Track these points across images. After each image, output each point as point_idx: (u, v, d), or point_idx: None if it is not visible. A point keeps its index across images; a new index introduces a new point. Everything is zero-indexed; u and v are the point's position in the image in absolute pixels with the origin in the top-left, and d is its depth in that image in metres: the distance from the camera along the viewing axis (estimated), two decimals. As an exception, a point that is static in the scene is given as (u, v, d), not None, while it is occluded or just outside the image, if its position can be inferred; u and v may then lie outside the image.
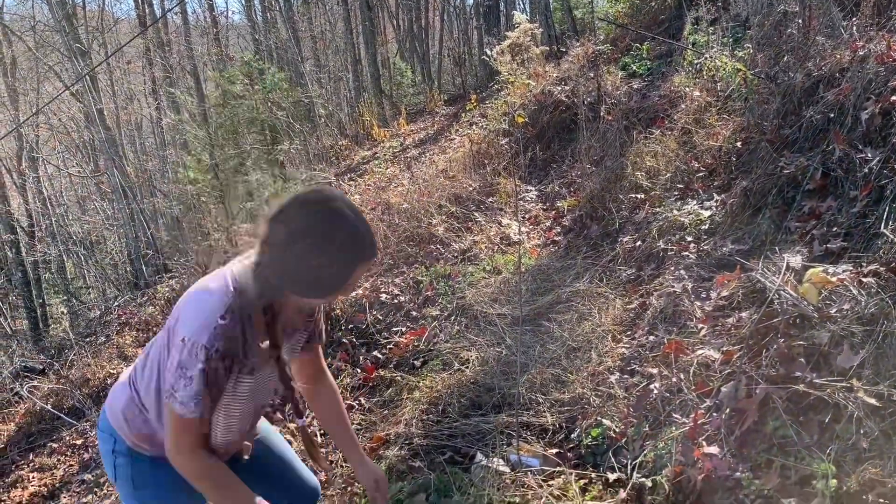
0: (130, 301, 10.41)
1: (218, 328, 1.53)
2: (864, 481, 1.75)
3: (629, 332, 3.46)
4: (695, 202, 4.11)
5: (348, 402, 3.77)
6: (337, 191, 1.65)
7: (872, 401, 1.89)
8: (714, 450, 2.17)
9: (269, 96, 11.65)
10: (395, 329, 4.39)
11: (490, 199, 5.89)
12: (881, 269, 2.24)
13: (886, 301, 2.04)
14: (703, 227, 3.84)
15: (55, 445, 5.65)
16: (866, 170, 2.95)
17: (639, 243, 4.15)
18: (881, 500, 1.71)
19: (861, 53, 3.48)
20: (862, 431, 1.89)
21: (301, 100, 11.90)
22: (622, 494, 2.43)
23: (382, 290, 4.78)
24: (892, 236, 2.45)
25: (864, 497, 1.74)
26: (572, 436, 2.94)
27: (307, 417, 2.02)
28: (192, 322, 1.56)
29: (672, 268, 3.63)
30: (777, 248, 3.01)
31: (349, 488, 2.86)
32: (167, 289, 9.29)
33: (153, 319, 8.04)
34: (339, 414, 2.10)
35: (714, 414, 2.32)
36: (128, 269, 14.88)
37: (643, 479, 2.41)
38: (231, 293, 1.57)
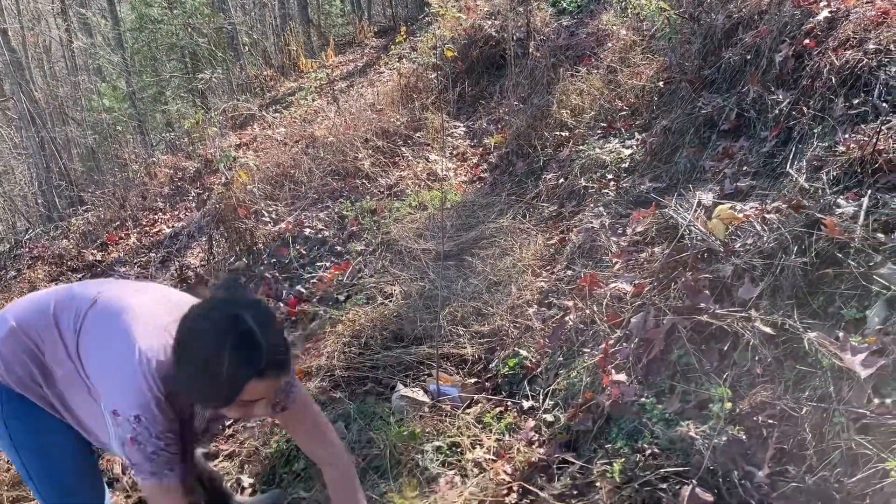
0: (43, 234, 9.96)
1: (149, 400, 1.54)
2: (755, 403, 1.87)
3: (548, 267, 3.53)
4: (617, 141, 4.18)
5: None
6: (253, 299, 1.58)
7: (768, 329, 2.00)
8: (622, 377, 2.27)
9: (190, 21, 11.09)
10: (318, 264, 4.36)
11: (418, 135, 5.83)
12: (783, 205, 2.34)
13: (785, 236, 2.14)
14: (624, 165, 3.92)
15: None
16: (777, 111, 3.05)
17: (562, 181, 4.21)
18: (770, 421, 1.83)
19: (779, -4, 3.55)
20: (757, 358, 2.00)
21: (223, 26, 11.38)
22: (530, 423, 2.52)
23: (306, 224, 4.71)
24: (796, 175, 2.56)
25: (755, 418, 1.85)
26: (490, 366, 3.02)
27: None
28: (123, 393, 1.56)
29: (592, 205, 3.70)
30: (691, 186, 3.11)
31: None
32: (82, 221, 8.90)
33: (67, 253, 7.72)
34: (343, 494, 1.89)
35: (624, 344, 2.41)
36: (39, 200, 14.16)
37: (545, 416, 2.51)
38: (146, 371, 1.56)
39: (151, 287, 1.94)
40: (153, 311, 1.72)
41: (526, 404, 2.68)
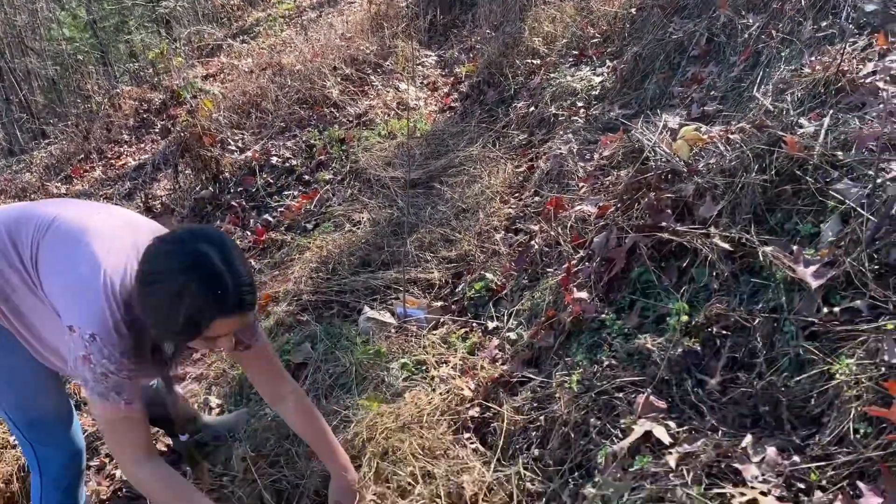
0: (5, 168, 9.71)
1: (108, 322, 1.52)
2: (710, 315, 1.91)
3: (517, 194, 3.54)
4: (588, 68, 4.14)
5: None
6: (219, 235, 1.54)
7: (726, 245, 2.03)
8: (584, 295, 2.30)
9: (152, -55, 10.62)
10: (286, 192, 4.32)
11: (387, 63, 5.72)
12: (748, 126, 2.35)
13: (747, 154, 2.16)
14: (594, 92, 3.89)
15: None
16: (747, 35, 3.03)
17: (532, 109, 4.17)
18: (724, 332, 1.87)
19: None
20: (714, 274, 2.04)
21: (188, -49, 10.92)
22: (494, 342, 2.56)
23: (273, 153, 4.64)
24: (762, 99, 2.56)
25: (709, 330, 1.90)
26: (457, 290, 3.04)
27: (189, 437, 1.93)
28: (81, 311, 1.54)
29: (561, 132, 3.69)
30: (659, 111, 3.10)
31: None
32: (45, 154, 8.67)
33: (30, 186, 7.55)
34: (305, 421, 1.96)
35: (586, 263, 2.44)
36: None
37: (509, 334, 2.55)
38: (109, 293, 1.54)
39: (113, 208, 1.91)
40: (115, 232, 1.69)
41: (491, 325, 2.71)
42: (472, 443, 2.20)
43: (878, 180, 1.82)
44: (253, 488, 2.21)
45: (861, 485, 1.37)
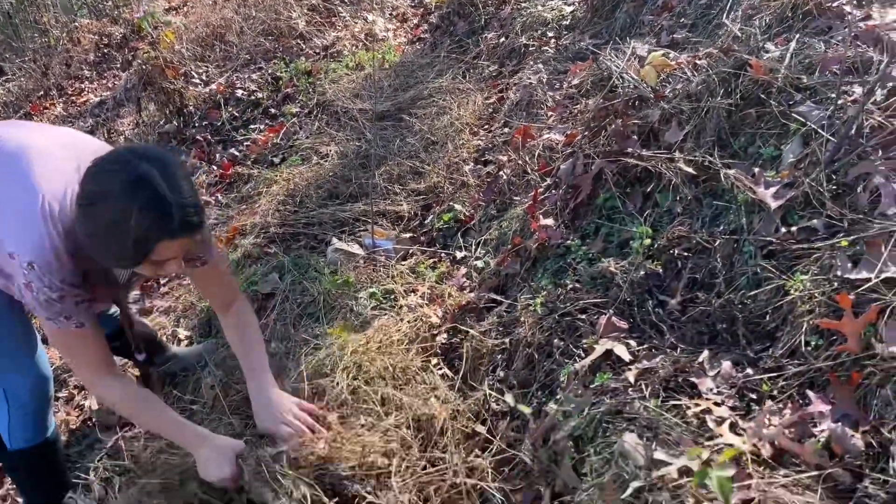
0: (-39, 106, 9.38)
1: (46, 250, 1.48)
2: (672, 238, 1.93)
3: (486, 126, 3.51)
4: (559, -3, 4.06)
5: (204, 198, 3.67)
6: (163, 154, 1.47)
7: (690, 170, 2.04)
8: (550, 221, 2.31)
9: None
10: (252, 126, 4.24)
11: (355, -6, 5.56)
12: (715, 51, 2.33)
13: (713, 78, 2.15)
14: (565, 22, 3.83)
15: None
16: (718, -40, 2.98)
17: (502, 39, 4.10)
18: (685, 253, 1.90)
19: None
20: (678, 198, 2.06)
21: None
22: (462, 270, 2.58)
23: (238, 85, 4.53)
24: (730, 25, 2.53)
25: (671, 252, 1.92)
26: (426, 222, 3.04)
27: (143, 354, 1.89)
28: (19, 238, 1.49)
29: (531, 63, 3.64)
30: (629, 40, 3.07)
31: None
32: (3, 91, 8.38)
33: (-12, 124, 7.32)
34: (240, 340, 1.94)
35: (553, 191, 2.45)
36: (-46, 71, 13.21)
37: (477, 262, 2.56)
38: (48, 219, 1.49)
39: (58, 129, 1.85)
40: (58, 153, 1.63)
41: (459, 255, 2.73)
42: (439, 369, 2.24)
43: (840, 102, 1.83)
44: (222, 416, 2.23)
45: (810, 393, 1.42)
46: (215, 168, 3.92)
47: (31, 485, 2.07)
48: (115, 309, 2.35)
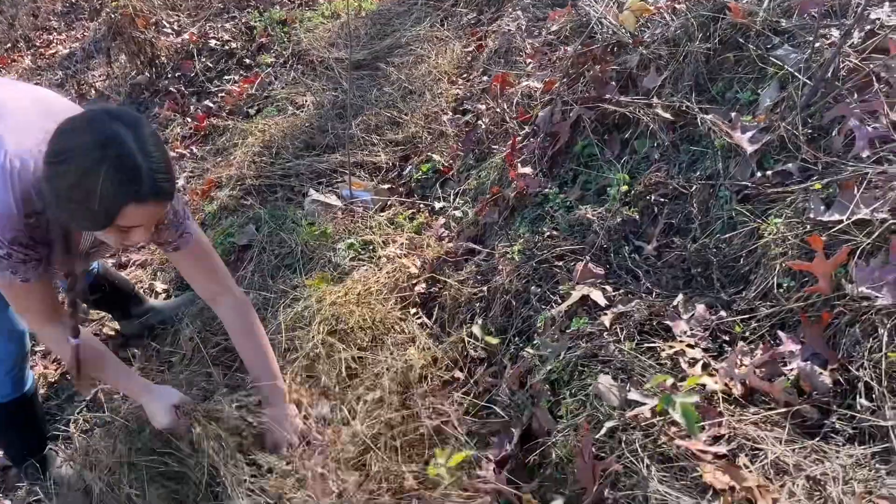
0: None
1: (3, 206, 1.43)
2: (649, 184, 1.93)
3: (465, 75, 3.46)
4: (538, -58, 3.97)
5: (178, 150, 3.61)
6: (137, 118, 1.41)
7: (667, 115, 2.03)
8: (528, 170, 2.30)
9: None
10: (226, 77, 4.14)
11: (330, -60, 5.40)
12: (695, -5, 2.31)
13: (691, 22, 2.13)
14: (544, -32, 3.75)
15: None
16: None
17: (481, -14, 4.02)
18: (661, 199, 1.90)
19: None
20: (655, 144, 2.05)
21: None
22: (441, 220, 2.57)
23: (211, 35, 4.42)
24: (711, -32, 2.50)
25: (648, 198, 1.93)
26: (404, 172, 3.01)
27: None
28: None
29: (510, 9, 3.57)
30: (608, -15, 3.02)
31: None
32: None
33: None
34: (241, 334, 1.84)
35: (531, 139, 2.43)
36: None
37: (455, 212, 2.55)
38: (9, 175, 1.44)
39: (28, 86, 1.80)
40: (27, 108, 1.59)
41: (438, 205, 2.71)
42: (418, 318, 2.24)
43: (817, 45, 1.81)
44: (201, 367, 2.23)
45: (781, 334, 1.44)
46: (189, 120, 3.84)
47: (11, 438, 2.07)
48: (94, 265, 2.33)
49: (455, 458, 1.05)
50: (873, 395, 1.27)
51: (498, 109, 2.70)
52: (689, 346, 1.50)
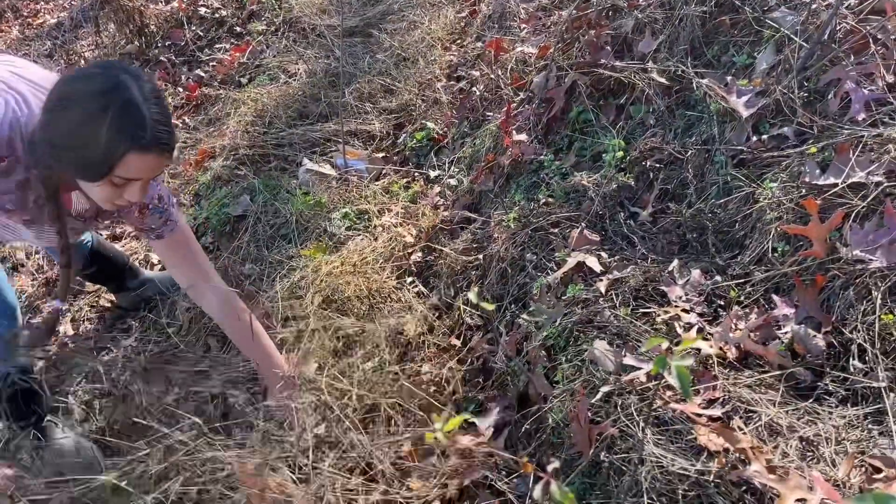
0: None
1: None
2: (645, 150, 1.93)
3: (458, 41, 3.42)
4: None
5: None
6: (140, 72, 1.41)
7: (663, 80, 2.01)
8: (523, 137, 2.29)
9: None
10: (217, 46, 4.09)
11: None
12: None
13: (688, -17, 2.10)
14: (538, -70, 3.69)
15: None
16: None
17: (474, -50, 3.95)
18: (657, 165, 1.90)
19: None
20: (651, 109, 2.04)
21: None
22: (436, 189, 2.56)
23: (201, 3, 4.35)
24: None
25: (643, 163, 1.92)
26: (399, 141, 2.99)
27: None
28: None
29: (504, -27, 3.52)
30: (603, -53, 2.97)
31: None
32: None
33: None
34: (230, 322, 1.82)
35: (526, 106, 2.41)
36: None
37: (450, 181, 2.54)
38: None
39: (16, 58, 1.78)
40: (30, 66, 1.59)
41: (433, 174, 2.70)
42: (414, 286, 2.25)
43: (813, 6, 1.79)
44: (198, 337, 2.24)
45: (776, 298, 1.45)
46: (181, 90, 3.80)
47: (9, 410, 2.08)
48: (87, 237, 2.32)
49: (452, 422, 1.06)
50: (866, 358, 1.28)
51: (492, 76, 2.67)
52: (685, 311, 1.50)
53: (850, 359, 1.30)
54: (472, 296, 1.23)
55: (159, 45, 4.19)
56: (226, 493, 1.41)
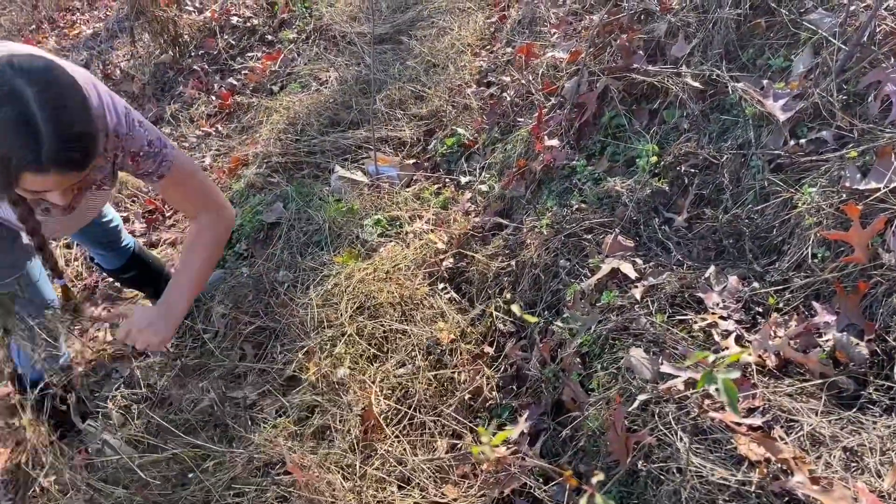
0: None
1: None
2: (679, 154, 1.91)
3: (488, 46, 3.42)
4: None
5: (204, 129, 3.64)
6: (49, 72, 1.22)
7: (697, 84, 1.99)
8: (555, 142, 2.28)
9: None
10: (249, 54, 4.14)
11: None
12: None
13: (722, -13, 2.08)
14: (567, -66, 3.68)
15: None
16: None
17: (503, -45, 3.95)
18: (692, 170, 1.88)
19: None
20: (685, 114, 2.02)
21: None
22: (467, 195, 2.56)
23: (233, 12, 4.41)
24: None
25: (678, 168, 1.90)
26: (429, 147, 3.01)
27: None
28: None
29: (533, -22, 3.52)
30: (634, -50, 2.95)
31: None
32: (-8, 27, 8.21)
33: (-19, 61, 7.20)
34: (184, 249, 1.75)
35: (557, 111, 2.40)
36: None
37: (481, 186, 2.54)
38: None
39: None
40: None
41: (463, 180, 2.71)
42: (446, 293, 2.25)
43: (852, 8, 1.76)
44: (233, 343, 2.27)
45: (816, 305, 1.42)
46: (214, 98, 3.85)
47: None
48: (127, 240, 2.35)
49: (499, 436, 1.06)
50: (911, 366, 1.26)
51: (523, 81, 2.67)
52: (722, 318, 1.49)
53: (895, 367, 1.27)
54: (515, 308, 1.23)
55: (193, 54, 4.26)
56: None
